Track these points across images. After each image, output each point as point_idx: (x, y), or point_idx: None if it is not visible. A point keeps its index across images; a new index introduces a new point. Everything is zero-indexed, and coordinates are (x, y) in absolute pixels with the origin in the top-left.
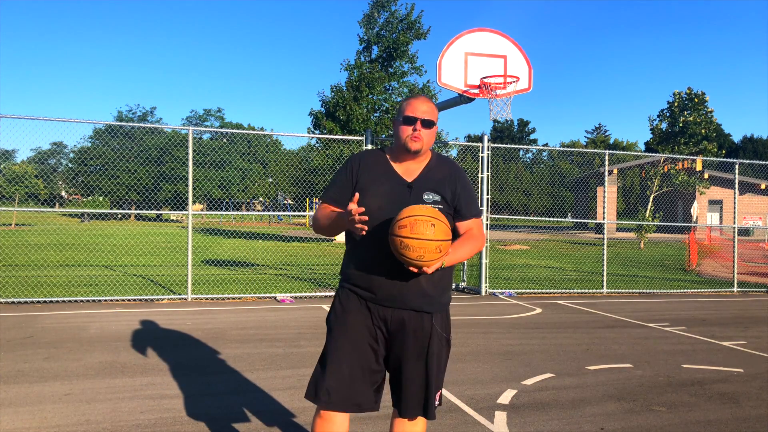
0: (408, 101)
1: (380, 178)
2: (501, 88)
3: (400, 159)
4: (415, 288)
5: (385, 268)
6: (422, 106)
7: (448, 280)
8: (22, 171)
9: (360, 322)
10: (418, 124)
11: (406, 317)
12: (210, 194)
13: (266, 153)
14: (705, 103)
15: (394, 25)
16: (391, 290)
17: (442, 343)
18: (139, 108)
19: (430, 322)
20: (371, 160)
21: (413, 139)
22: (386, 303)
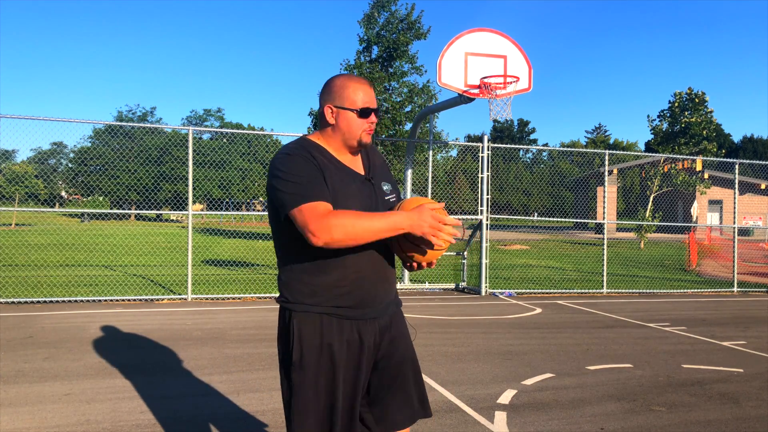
0: (356, 86)
1: (340, 177)
2: (501, 88)
3: (344, 152)
4: (394, 288)
5: (371, 277)
6: (372, 92)
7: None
8: (22, 171)
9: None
10: (372, 116)
11: (390, 320)
12: (210, 194)
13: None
14: (705, 104)
15: (395, 25)
16: (384, 297)
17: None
18: (139, 108)
19: (400, 316)
20: (320, 158)
21: (369, 133)
22: (374, 314)
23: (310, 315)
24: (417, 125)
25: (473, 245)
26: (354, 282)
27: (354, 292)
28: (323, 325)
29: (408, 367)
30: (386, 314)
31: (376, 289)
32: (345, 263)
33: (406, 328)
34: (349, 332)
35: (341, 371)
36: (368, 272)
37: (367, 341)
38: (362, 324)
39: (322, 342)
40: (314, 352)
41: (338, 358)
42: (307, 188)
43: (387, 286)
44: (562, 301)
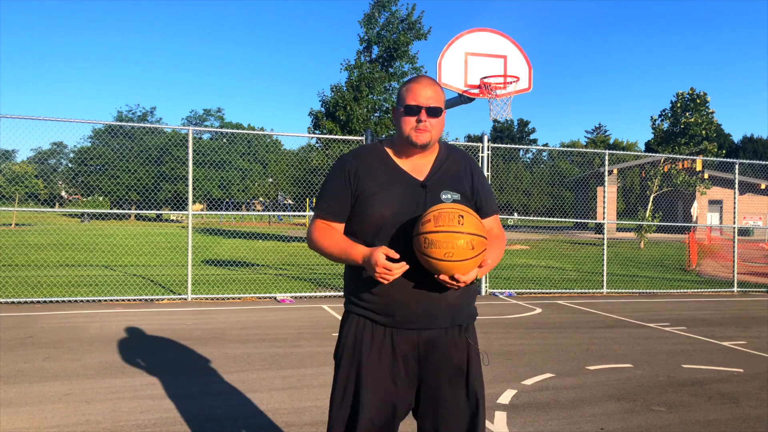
0: (408, 86)
1: (387, 180)
2: (501, 88)
3: (404, 154)
4: (444, 303)
5: (407, 284)
6: (426, 91)
7: (474, 289)
8: (22, 171)
9: (378, 359)
10: (423, 114)
11: (435, 337)
12: (210, 194)
13: (266, 153)
14: (707, 104)
15: (395, 25)
16: (416, 309)
17: (479, 358)
18: (139, 108)
19: (463, 338)
20: (372, 159)
21: (419, 132)
22: (412, 326)
23: (352, 315)
24: None
25: None
26: (380, 291)
27: (384, 299)
28: (358, 326)
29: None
30: (431, 327)
31: (409, 299)
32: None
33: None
34: (381, 337)
35: (369, 375)
36: (402, 282)
37: (401, 351)
38: (396, 332)
39: (355, 342)
40: (347, 351)
41: (366, 361)
42: (321, 200)
43: (425, 300)
44: (562, 301)
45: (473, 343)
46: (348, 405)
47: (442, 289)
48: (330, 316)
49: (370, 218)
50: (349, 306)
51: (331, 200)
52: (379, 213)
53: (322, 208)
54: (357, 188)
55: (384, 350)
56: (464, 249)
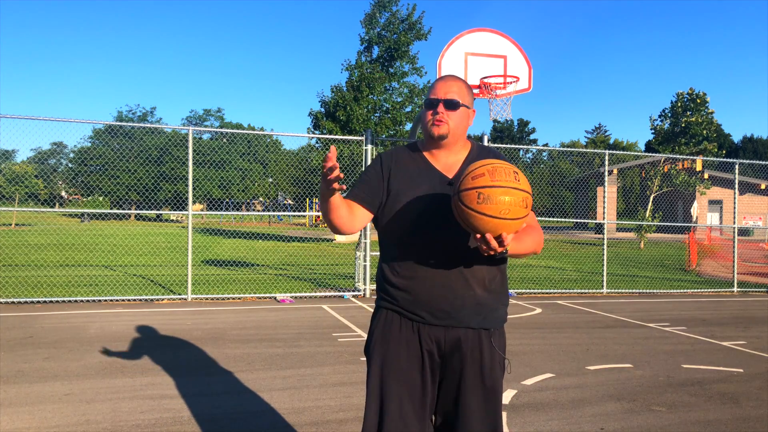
0: (432, 84)
1: (417, 176)
2: (501, 88)
3: (432, 152)
4: (471, 299)
5: (433, 280)
6: (445, 86)
7: (504, 288)
8: (22, 171)
9: (405, 351)
10: (440, 106)
11: (462, 336)
12: (210, 194)
13: (266, 153)
14: (706, 104)
15: (395, 25)
16: (442, 305)
17: (502, 366)
18: (139, 108)
19: (489, 341)
20: (405, 157)
21: (435, 124)
22: (437, 322)
23: (381, 309)
24: (417, 125)
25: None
26: (407, 286)
27: (413, 295)
28: (387, 320)
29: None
30: (458, 327)
31: (434, 295)
32: (403, 263)
33: (494, 356)
34: (408, 332)
35: (394, 367)
36: (424, 275)
37: (427, 345)
38: (423, 327)
39: (384, 335)
40: (378, 343)
41: (393, 353)
42: (356, 187)
43: (452, 295)
44: (562, 301)
45: (499, 350)
46: (377, 396)
47: (469, 283)
48: (330, 316)
49: (398, 213)
50: (380, 301)
51: (362, 187)
52: (405, 208)
53: (351, 192)
54: (390, 183)
55: (411, 344)
56: (521, 207)
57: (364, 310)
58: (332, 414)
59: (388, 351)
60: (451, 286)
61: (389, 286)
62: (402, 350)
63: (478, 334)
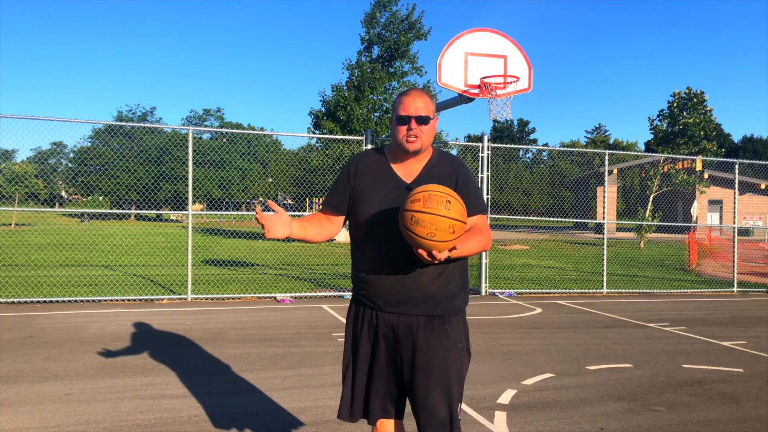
0: (399, 99)
1: (378, 181)
2: (501, 88)
3: (399, 159)
4: (420, 293)
5: (388, 274)
6: (415, 102)
7: (457, 281)
8: (22, 171)
9: (365, 334)
10: (412, 123)
11: (414, 323)
12: (210, 194)
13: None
14: (704, 103)
15: (396, 25)
16: (394, 296)
17: (456, 350)
18: (139, 108)
19: (442, 327)
20: (370, 162)
21: (409, 140)
22: (392, 310)
23: (352, 301)
24: None
25: None
26: (367, 279)
27: (370, 286)
28: (355, 309)
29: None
30: (408, 314)
31: (387, 287)
32: (364, 259)
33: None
34: (370, 319)
35: (360, 350)
36: (379, 269)
37: (383, 330)
38: (380, 315)
39: (354, 322)
40: (348, 330)
41: (358, 337)
42: (328, 196)
43: (402, 288)
44: (562, 301)
45: (452, 335)
46: (348, 376)
47: (419, 279)
48: (330, 316)
49: (358, 215)
50: (353, 293)
51: (333, 194)
52: (365, 211)
53: (325, 200)
54: (354, 186)
55: (371, 330)
56: (446, 232)
57: None
58: (332, 414)
59: (354, 334)
60: (402, 281)
61: (355, 279)
62: (364, 334)
63: (431, 320)
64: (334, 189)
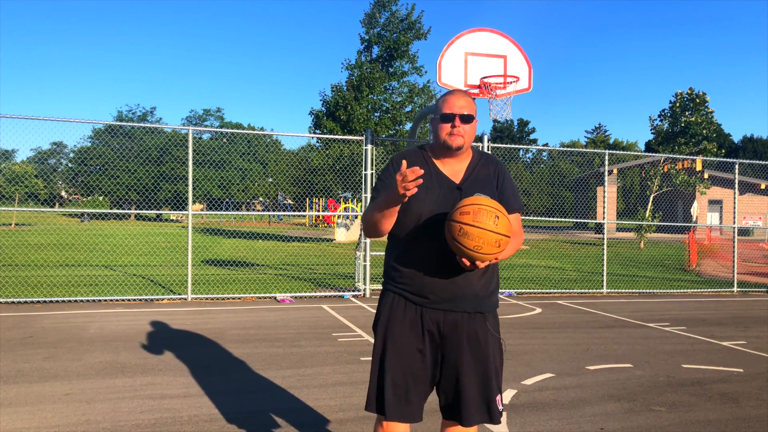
0: (444, 98)
1: (428, 181)
2: (501, 88)
3: (443, 159)
4: (469, 290)
5: (438, 271)
6: (459, 101)
7: (496, 281)
8: (22, 171)
9: (408, 329)
10: (457, 120)
11: (459, 320)
12: (210, 194)
13: (266, 153)
14: (706, 104)
15: (395, 25)
16: (444, 294)
17: (496, 344)
18: (139, 108)
19: (484, 324)
20: (417, 161)
21: (453, 136)
22: (439, 306)
23: (388, 293)
24: (417, 125)
25: None
26: (414, 274)
27: (416, 281)
28: (393, 302)
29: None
30: (455, 310)
31: (438, 283)
32: (413, 255)
33: (487, 334)
34: (412, 314)
35: (398, 345)
36: (430, 266)
37: (428, 326)
38: (425, 310)
39: (390, 316)
40: (382, 322)
41: (396, 332)
42: (376, 191)
43: (452, 286)
44: (562, 301)
45: (492, 330)
46: (379, 367)
47: (468, 278)
48: (330, 316)
49: (410, 214)
50: (387, 285)
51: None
52: (418, 210)
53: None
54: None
55: (413, 325)
56: (492, 245)
57: (364, 310)
58: (332, 414)
59: (393, 328)
60: (453, 278)
61: (398, 273)
62: (405, 329)
63: (474, 317)
64: (384, 187)
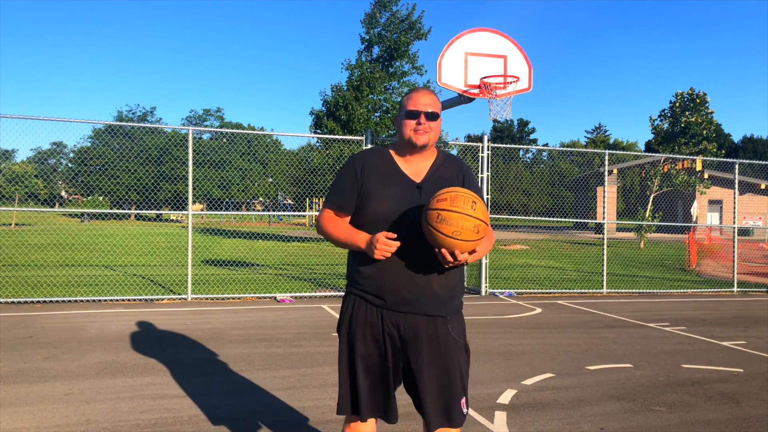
0: (409, 95)
1: (388, 179)
2: (501, 88)
3: (406, 157)
4: (428, 292)
5: (397, 272)
6: (425, 99)
7: (460, 283)
8: (22, 171)
9: (368, 332)
10: (422, 117)
11: (419, 322)
12: (210, 194)
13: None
14: (706, 104)
15: (396, 25)
16: (404, 295)
17: (459, 348)
18: (139, 108)
19: (445, 327)
20: (376, 160)
21: (418, 133)
22: (398, 308)
23: (350, 295)
24: None
25: None
26: (374, 276)
27: (375, 282)
28: (354, 304)
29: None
30: (415, 312)
31: (398, 285)
32: (367, 261)
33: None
34: (373, 316)
35: (360, 347)
36: (389, 267)
37: (388, 329)
38: (385, 313)
39: (351, 318)
40: (345, 325)
41: (359, 334)
42: (331, 193)
43: (412, 287)
44: (562, 301)
45: (455, 334)
46: (345, 372)
47: (428, 278)
48: (330, 316)
49: (369, 212)
50: (349, 287)
51: (341, 194)
52: (376, 208)
53: (332, 200)
54: (363, 184)
55: (374, 327)
56: (471, 231)
57: None
58: (332, 414)
59: (354, 332)
60: (413, 280)
61: (358, 275)
62: (367, 331)
63: (434, 321)
64: (339, 188)
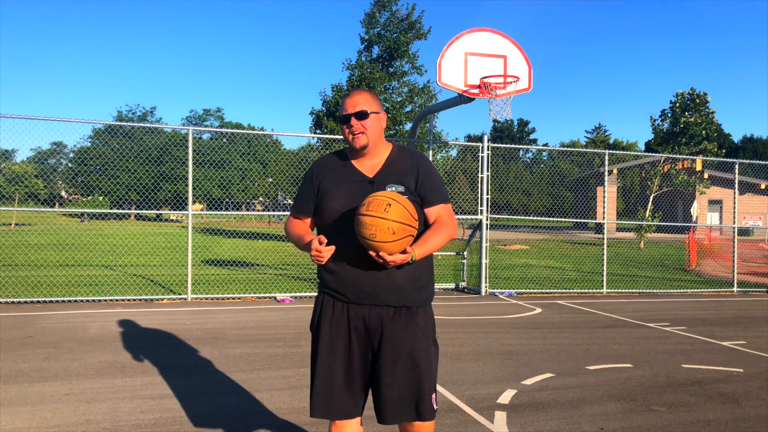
0: (341, 101)
1: (342, 178)
2: (501, 88)
3: (359, 158)
4: (389, 283)
5: (356, 266)
6: (352, 100)
7: (426, 275)
8: (22, 171)
9: (336, 328)
10: (352, 120)
11: (384, 314)
12: (210, 194)
13: (266, 153)
14: (707, 104)
15: (395, 25)
16: (365, 288)
17: (427, 341)
18: (139, 108)
19: (411, 319)
20: (332, 163)
21: (354, 137)
22: (362, 301)
23: (320, 295)
24: (417, 125)
25: (473, 245)
26: (335, 272)
27: (339, 278)
28: (323, 302)
29: (395, 366)
30: (378, 304)
31: (357, 279)
32: (337, 256)
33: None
34: (339, 312)
35: (327, 341)
36: (349, 262)
37: (355, 323)
38: (351, 307)
39: (320, 315)
40: (315, 321)
41: (327, 329)
42: (294, 200)
43: (373, 280)
44: (562, 301)
45: (420, 326)
46: (315, 365)
47: (388, 271)
48: None
49: (326, 211)
50: (320, 287)
51: (300, 200)
52: (331, 206)
53: (293, 206)
54: (319, 188)
55: (341, 322)
56: (386, 232)
57: None
58: None
59: (323, 328)
60: (372, 273)
61: (323, 273)
62: (333, 327)
63: (399, 312)
64: (299, 194)
